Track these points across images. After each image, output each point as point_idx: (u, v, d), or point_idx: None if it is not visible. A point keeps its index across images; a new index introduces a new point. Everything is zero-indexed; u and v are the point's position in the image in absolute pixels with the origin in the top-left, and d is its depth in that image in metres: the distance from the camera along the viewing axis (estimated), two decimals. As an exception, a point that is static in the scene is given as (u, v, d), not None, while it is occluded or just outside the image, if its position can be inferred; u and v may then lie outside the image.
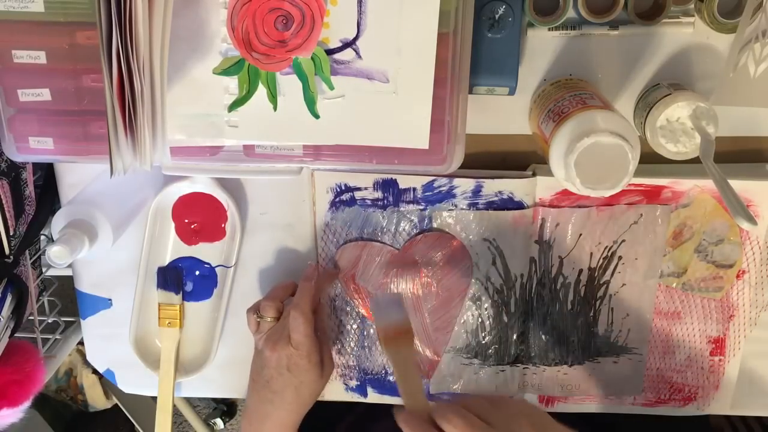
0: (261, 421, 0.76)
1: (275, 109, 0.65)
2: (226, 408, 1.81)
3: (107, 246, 0.71)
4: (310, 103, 0.64)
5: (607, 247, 0.77)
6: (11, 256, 0.75)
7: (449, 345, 0.82)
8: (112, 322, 0.86)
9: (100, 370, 0.90)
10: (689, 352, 0.82)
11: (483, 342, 0.82)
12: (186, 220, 0.80)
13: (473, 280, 0.79)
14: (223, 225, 0.80)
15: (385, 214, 0.78)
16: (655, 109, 0.66)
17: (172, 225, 0.81)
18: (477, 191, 0.75)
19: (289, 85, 0.64)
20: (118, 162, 0.59)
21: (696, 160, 0.65)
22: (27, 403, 0.76)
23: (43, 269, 0.86)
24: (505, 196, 0.75)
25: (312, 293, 0.75)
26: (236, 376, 0.88)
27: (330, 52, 0.63)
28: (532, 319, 0.81)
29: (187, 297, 0.83)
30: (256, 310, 0.78)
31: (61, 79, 0.64)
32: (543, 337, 0.81)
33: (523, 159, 0.77)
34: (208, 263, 0.82)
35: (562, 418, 0.86)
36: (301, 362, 0.73)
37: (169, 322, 0.83)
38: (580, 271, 0.78)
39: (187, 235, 0.81)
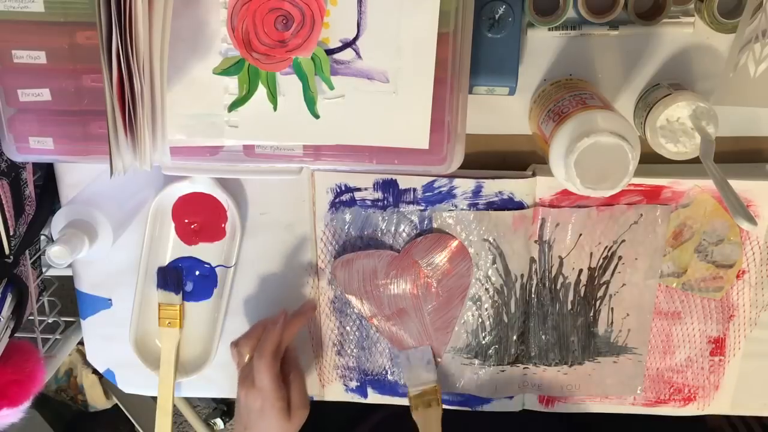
0: None
1: (275, 109, 0.65)
2: (226, 408, 1.81)
3: (107, 246, 0.71)
4: (310, 103, 0.64)
5: (607, 247, 0.77)
6: (11, 256, 0.75)
7: (449, 345, 0.82)
8: (112, 322, 0.86)
9: (100, 370, 0.90)
10: (689, 352, 0.82)
11: (483, 342, 0.82)
12: (186, 220, 0.80)
13: (473, 280, 0.79)
14: (223, 225, 0.80)
15: (385, 215, 0.77)
16: (655, 109, 0.66)
17: (172, 225, 0.81)
18: (477, 191, 0.75)
19: (289, 85, 0.64)
20: (118, 162, 0.59)
21: (696, 160, 0.65)
22: (27, 403, 0.76)
23: (43, 269, 0.86)
24: (505, 197, 0.75)
25: (276, 338, 0.75)
26: (236, 376, 0.87)
27: (330, 52, 0.63)
28: (532, 319, 0.81)
29: (187, 297, 0.83)
30: (237, 344, 0.78)
31: (61, 79, 0.64)
32: (543, 337, 0.81)
33: (523, 159, 0.77)
34: (208, 263, 0.82)
35: (561, 418, 0.87)
36: (265, 405, 0.74)
37: (169, 322, 0.83)
38: (580, 271, 0.78)
39: (187, 235, 0.81)
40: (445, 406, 0.86)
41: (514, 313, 0.80)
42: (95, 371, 1.59)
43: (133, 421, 1.67)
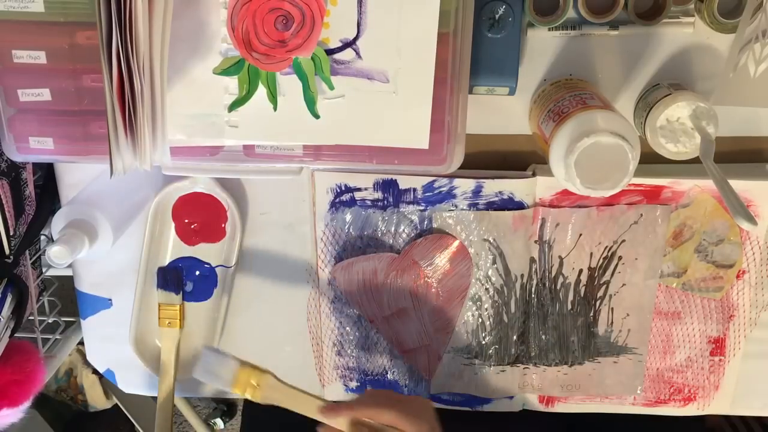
0: None
1: (275, 109, 0.65)
2: (226, 408, 1.81)
3: (107, 246, 0.71)
4: (310, 103, 0.64)
5: (607, 247, 0.77)
6: (11, 256, 0.75)
7: (450, 345, 0.82)
8: (112, 322, 0.86)
9: (100, 370, 0.90)
10: (689, 352, 0.82)
11: (483, 342, 0.82)
12: (186, 220, 0.80)
13: (473, 280, 0.79)
14: (223, 225, 0.80)
15: (385, 215, 0.77)
16: (655, 109, 0.66)
17: (172, 225, 0.81)
18: (477, 191, 0.75)
19: (289, 85, 0.64)
20: (118, 162, 0.59)
21: (696, 160, 0.65)
22: (27, 403, 0.76)
23: (43, 269, 0.86)
24: (505, 197, 0.75)
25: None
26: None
27: (330, 52, 0.63)
28: (532, 319, 0.81)
29: (187, 297, 0.83)
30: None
31: (61, 79, 0.64)
32: (543, 337, 0.81)
33: (523, 159, 0.77)
34: (208, 263, 0.82)
35: (562, 418, 0.87)
36: None
37: (169, 322, 0.83)
38: (580, 271, 0.78)
39: (187, 235, 0.81)
40: (445, 406, 0.86)
41: (514, 313, 0.80)
42: (95, 371, 1.59)
43: (133, 421, 1.67)
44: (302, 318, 0.84)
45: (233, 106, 0.65)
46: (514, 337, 0.81)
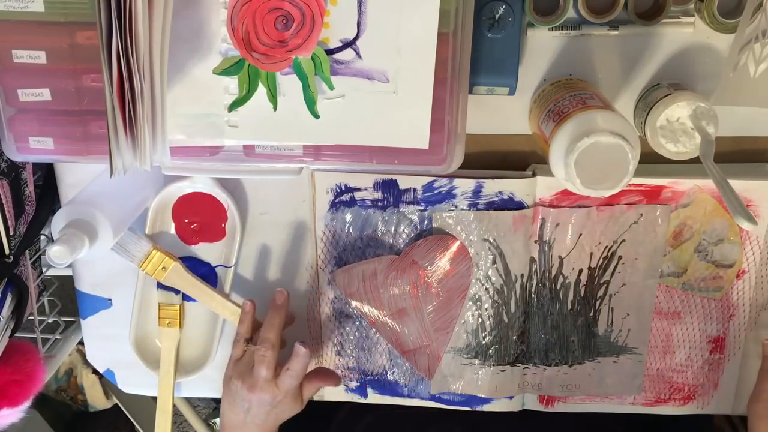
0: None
1: (275, 109, 0.65)
2: (227, 408, 1.80)
3: (107, 246, 0.71)
4: (310, 103, 0.64)
5: (607, 247, 0.77)
6: (11, 256, 0.75)
7: (449, 345, 0.82)
8: (112, 322, 0.86)
9: (100, 370, 0.90)
10: (689, 351, 0.82)
11: (483, 342, 0.82)
12: (186, 220, 0.80)
13: (473, 280, 0.79)
14: (223, 225, 0.80)
15: (385, 215, 0.77)
16: (655, 109, 0.66)
17: (172, 225, 0.81)
18: (477, 191, 0.75)
19: (289, 85, 0.64)
20: (118, 162, 0.59)
21: (696, 160, 0.65)
22: (27, 403, 0.77)
23: (43, 269, 0.86)
24: (505, 197, 0.75)
25: (280, 324, 0.75)
26: (236, 376, 0.87)
27: (330, 52, 0.63)
28: (532, 319, 0.81)
29: (187, 297, 0.83)
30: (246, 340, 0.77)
31: (61, 79, 0.64)
32: (543, 337, 0.81)
33: (523, 159, 0.77)
34: (208, 263, 0.82)
35: (562, 418, 0.87)
36: (279, 398, 0.74)
37: (169, 322, 0.83)
38: (580, 271, 0.78)
39: (187, 234, 0.81)
40: (445, 406, 0.86)
41: (514, 313, 0.80)
42: (95, 371, 1.59)
43: (133, 421, 1.66)
44: (302, 318, 0.84)
45: (233, 106, 0.65)
46: (514, 337, 0.81)
